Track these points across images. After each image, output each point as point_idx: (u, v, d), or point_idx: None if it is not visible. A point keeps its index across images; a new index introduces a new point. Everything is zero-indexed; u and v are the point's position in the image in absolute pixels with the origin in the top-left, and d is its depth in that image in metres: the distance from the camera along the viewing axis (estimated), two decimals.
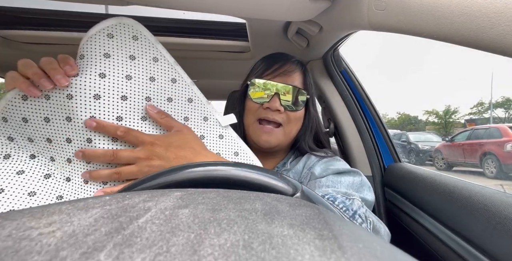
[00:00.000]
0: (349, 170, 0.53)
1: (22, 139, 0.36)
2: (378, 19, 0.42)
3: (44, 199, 0.34)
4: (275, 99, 0.55)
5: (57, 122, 0.35)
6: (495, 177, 6.48)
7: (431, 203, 0.59)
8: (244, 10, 0.53)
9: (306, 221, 0.14)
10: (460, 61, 68.63)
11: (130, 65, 0.39)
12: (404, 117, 29.87)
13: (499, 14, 0.26)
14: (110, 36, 0.38)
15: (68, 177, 0.37)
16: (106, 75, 0.37)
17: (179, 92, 0.43)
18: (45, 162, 0.37)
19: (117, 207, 0.14)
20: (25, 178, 0.35)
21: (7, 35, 0.82)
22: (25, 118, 0.35)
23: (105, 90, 0.36)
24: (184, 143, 0.38)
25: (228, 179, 0.24)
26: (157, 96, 0.41)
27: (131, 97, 0.38)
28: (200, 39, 0.88)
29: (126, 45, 0.39)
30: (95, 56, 0.37)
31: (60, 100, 0.35)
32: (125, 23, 0.39)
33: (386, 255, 0.11)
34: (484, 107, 23.00)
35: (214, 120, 0.46)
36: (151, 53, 0.41)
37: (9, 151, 0.36)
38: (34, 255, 0.10)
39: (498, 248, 0.41)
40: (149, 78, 0.40)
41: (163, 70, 0.41)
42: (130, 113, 0.38)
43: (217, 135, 0.46)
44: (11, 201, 0.32)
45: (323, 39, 0.69)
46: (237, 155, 0.46)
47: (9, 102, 0.34)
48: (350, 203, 0.42)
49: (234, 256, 0.10)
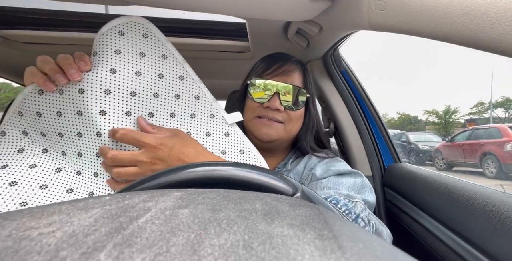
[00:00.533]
0: (350, 171, 0.53)
1: (35, 134, 0.38)
2: (378, 19, 0.42)
3: (55, 192, 0.36)
4: (275, 98, 0.55)
5: (69, 116, 0.37)
6: (495, 177, 6.48)
7: (431, 203, 0.59)
8: (244, 10, 0.53)
9: (306, 221, 0.14)
10: (460, 61, 68.64)
11: (140, 62, 0.40)
12: (404, 117, 29.87)
13: (499, 14, 0.26)
14: (121, 34, 0.39)
15: (79, 171, 0.38)
16: (116, 71, 0.38)
17: (187, 89, 0.43)
18: (57, 156, 0.38)
19: (117, 207, 0.14)
20: (37, 171, 0.36)
21: (7, 35, 0.83)
22: (39, 112, 0.36)
23: (115, 85, 0.37)
24: (186, 144, 0.39)
25: (228, 179, 0.24)
26: (165, 92, 0.42)
27: (140, 93, 0.39)
28: (200, 39, 0.88)
29: (136, 42, 0.40)
30: (107, 52, 0.38)
31: (73, 94, 0.36)
32: (136, 22, 0.40)
33: (386, 255, 0.11)
34: (484, 107, 23.01)
35: (221, 118, 0.46)
36: (160, 51, 0.42)
37: (23, 145, 0.37)
38: (34, 255, 0.10)
39: (498, 248, 0.41)
40: (157, 75, 0.41)
41: (171, 68, 0.42)
42: (139, 109, 0.39)
43: (223, 132, 0.46)
44: (24, 194, 0.34)
45: (323, 39, 0.69)
46: (242, 153, 0.47)
47: (26, 97, 0.36)
48: (352, 206, 0.42)
49: (234, 256, 0.10)
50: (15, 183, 0.34)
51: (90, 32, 0.83)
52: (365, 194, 0.49)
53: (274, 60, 0.60)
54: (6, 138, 0.37)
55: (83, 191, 0.37)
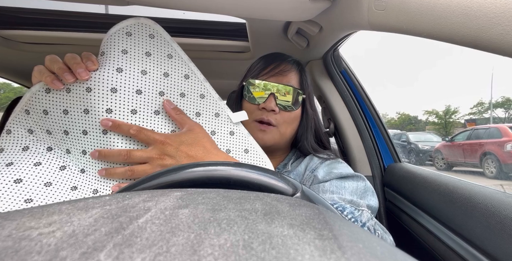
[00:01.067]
0: (352, 174, 0.53)
1: (41, 132, 0.38)
2: (378, 19, 0.42)
3: (59, 190, 0.36)
4: (270, 99, 0.55)
5: (75, 114, 0.37)
6: (495, 177, 6.48)
7: (431, 203, 0.59)
8: (244, 10, 0.53)
9: (306, 221, 0.14)
10: (460, 61, 68.61)
11: (146, 61, 0.41)
12: (404, 117, 29.87)
13: (499, 14, 0.26)
14: (129, 34, 0.40)
15: (83, 169, 0.39)
16: (123, 70, 0.39)
17: (192, 87, 0.44)
18: (61, 154, 0.39)
19: (117, 207, 0.14)
20: (42, 169, 0.36)
21: (7, 35, 0.83)
22: (46, 110, 0.37)
23: (121, 84, 0.38)
24: (195, 141, 0.39)
25: (228, 179, 0.24)
26: (171, 91, 0.42)
27: (146, 91, 0.40)
28: (200, 39, 0.88)
29: (142, 42, 0.41)
30: (114, 52, 0.39)
31: (80, 93, 0.37)
32: (143, 23, 0.41)
33: (386, 255, 0.11)
34: (484, 107, 23.01)
35: (226, 117, 0.46)
36: (166, 50, 0.42)
37: (28, 143, 0.38)
38: (34, 255, 0.10)
39: (498, 248, 0.41)
40: (163, 74, 0.42)
41: (176, 66, 0.43)
42: (144, 107, 0.40)
43: (228, 131, 0.46)
44: (28, 191, 0.34)
45: (323, 39, 0.69)
46: (247, 152, 0.47)
47: (34, 95, 0.37)
48: (359, 214, 0.42)
49: (234, 256, 0.10)
50: (20, 180, 0.34)
51: (90, 32, 0.83)
52: (368, 198, 0.49)
53: (270, 60, 0.59)
54: (11, 136, 0.37)
55: (87, 189, 0.38)
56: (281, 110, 0.56)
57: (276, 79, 0.57)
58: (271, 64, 0.58)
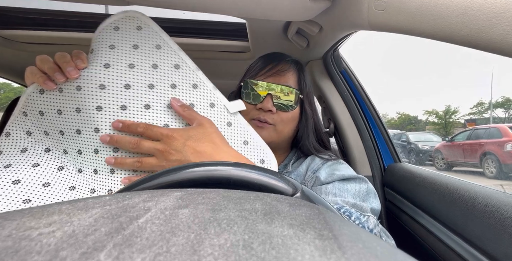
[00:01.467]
0: (354, 176, 0.52)
1: (39, 133, 0.38)
2: (378, 19, 0.42)
3: (57, 190, 0.36)
4: (267, 99, 0.55)
5: (68, 114, 0.37)
6: (495, 177, 6.48)
7: (431, 203, 0.59)
8: (244, 10, 0.53)
9: (306, 221, 0.14)
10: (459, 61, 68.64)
11: (133, 54, 0.40)
12: (404, 117, 29.87)
13: (499, 14, 0.26)
14: (116, 29, 0.40)
15: (80, 169, 0.39)
16: (110, 65, 0.38)
17: (183, 78, 0.42)
18: (59, 155, 0.39)
19: (117, 207, 0.14)
20: (40, 170, 0.36)
21: (7, 35, 0.83)
22: (42, 111, 0.37)
23: (109, 79, 0.38)
24: (204, 137, 0.38)
25: (228, 179, 0.24)
26: (160, 83, 0.41)
27: (134, 85, 0.39)
28: (200, 39, 0.88)
29: (130, 35, 0.40)
30: (102, 48, 0.39)
31: (71, 92, 0.36)
32: (131, 16, 0.41)
33: (386, 255, 0.11)
34: (484, 107, 23.00)
35: (222, 107, 0.44)
36: (154, 41, 0.41)
37: (26, 145, 0.38)
38: (34, 255, 0.10)
39: (498, 248, 0.41)
40: (151, 65, 0.40)
41: (165, 57, 0.42)
42: (133, 102, 0.39)
43: (225, 122, 0.44)
44: (27, 192, 0.34)
45: (323, 39, 0.69)
46: (246, 144, 0.45)
47: (29, 96, 0.37)
48: (365, 220, 0.42)
49: (234, 256, 0.10)
50: (18, 181, 0.34)
51: (90, 32, 0.83)
52: (370, 200, 0.49)
53: (268, 60, 0.59)
54: (10, 139, 0.37)
55: (85, 189, 0.38)
56: (279, 110, 0.56)
57: (273, 79, 0.57)
58: (269, 64, 0.58)
